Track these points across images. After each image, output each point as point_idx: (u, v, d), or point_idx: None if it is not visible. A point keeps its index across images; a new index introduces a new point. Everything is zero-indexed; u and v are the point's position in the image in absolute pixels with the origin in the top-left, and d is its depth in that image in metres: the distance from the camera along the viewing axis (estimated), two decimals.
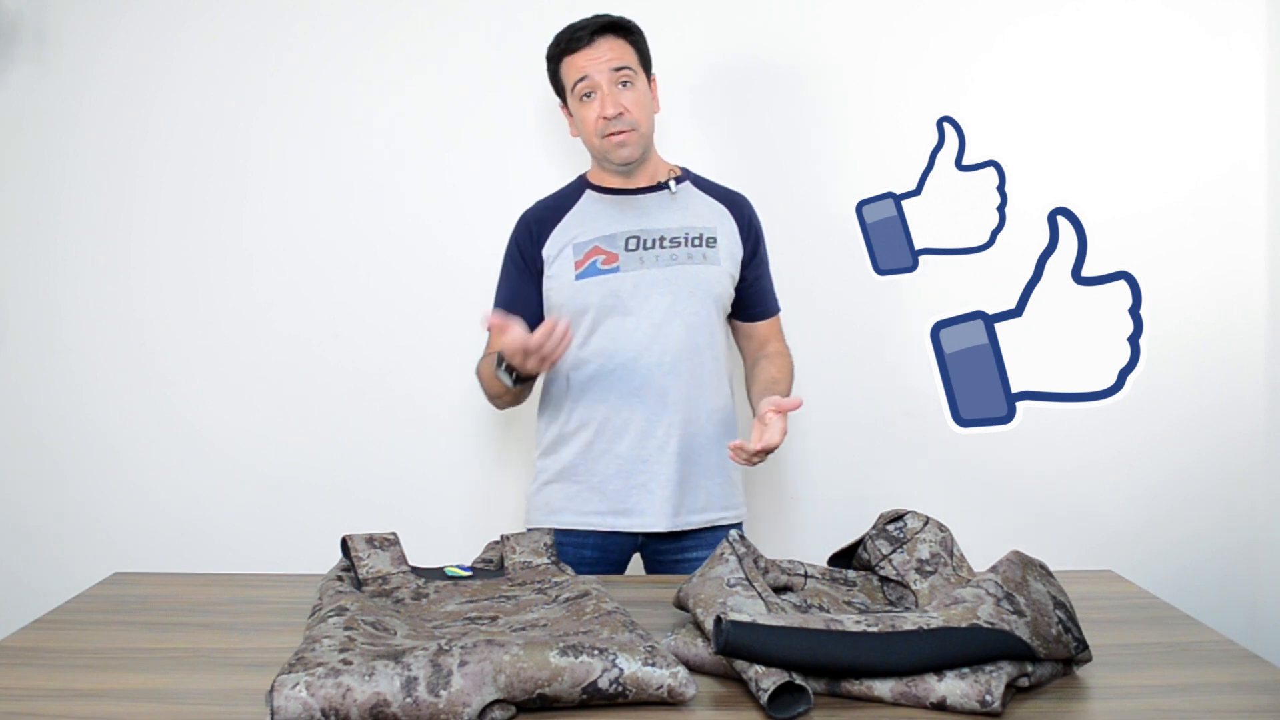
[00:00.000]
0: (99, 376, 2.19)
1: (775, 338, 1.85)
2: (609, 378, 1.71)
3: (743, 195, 1.84)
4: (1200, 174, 2.16)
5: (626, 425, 1.71)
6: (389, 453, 2.19)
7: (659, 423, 1.70)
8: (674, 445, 1.70)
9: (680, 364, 1.70)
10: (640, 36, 1.75)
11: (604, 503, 1.71)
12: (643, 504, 1.71)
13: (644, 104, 1.72)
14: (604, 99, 1.68)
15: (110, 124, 2.17)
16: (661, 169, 1.80)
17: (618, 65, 1.69)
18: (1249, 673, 1.08)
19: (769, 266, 1.85)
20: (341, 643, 0.99)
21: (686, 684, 0.96)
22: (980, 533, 1.70)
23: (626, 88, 1.70)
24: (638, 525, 1.71)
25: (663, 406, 1.70)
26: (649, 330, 1.70)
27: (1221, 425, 2.18)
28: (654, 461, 1.70)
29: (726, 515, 1.77)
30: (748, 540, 1.21)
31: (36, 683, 1.03)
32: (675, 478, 1.70)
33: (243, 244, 2.18)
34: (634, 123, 1.70)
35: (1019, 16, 2.16)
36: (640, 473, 1.70)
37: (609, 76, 1.68)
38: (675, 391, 1.70)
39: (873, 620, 0.98)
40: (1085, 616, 1.11)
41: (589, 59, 1.69)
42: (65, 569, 2.03)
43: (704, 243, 1.74)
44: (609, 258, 1.72)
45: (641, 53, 1.75)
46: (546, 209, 1.80)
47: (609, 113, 1.68)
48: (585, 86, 1.70)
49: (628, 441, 1.70)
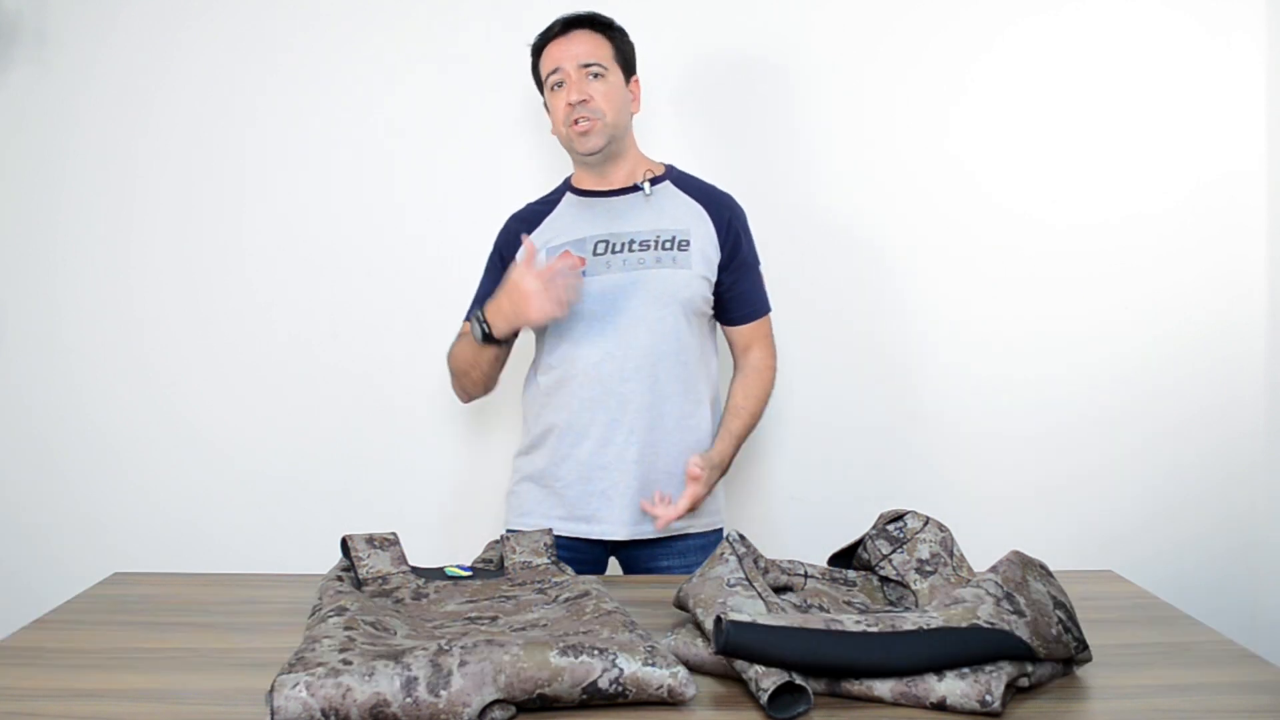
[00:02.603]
0: (99, 376, 2.19)
1: (758, 343, 1.80)
2: (572, 383, 1.70)
3: (727, 195, 1.80)
4: (1200, 174, 2.16)
5: (586, 431, 1.70)
6: (389, 453, 2.19)
7: (618, 429, 1.68)
8: (633, 452, 1.68)
9: (643, 370, 1.68)
10: (620, 35, 1.76)
11: (565, 508, 1.71)
12: (602, 511, 1.69)
13: (614, 97, 1.71)
14: (570, 87, 1.69)
15: (110, 124, 2.17)
16: (639, 169, 1.78)
17: (588, 60, 1.70)
18: (1249, 673, 1.07)
19: (757, 269, 1.80)
20: (341, 643, 0.98)
21: (686, 684, 0.96)
22: (980, 533, 1.69)
23: (596, 79, 1.70)
24: (597, 532, 1.70)
25: (623, 413, 1.68)
26: (612, 336, 1.68)
27: (1221, 425, 2.18)
28: (612, 469, 1.69)
29: (695, 524, 1.72)
30: (748, 540, 1.21)
31: (36, 683, 1.03)
32: (634, 485, 1.68)
33: (242, 244, 2.18)
34: (599, 112, 1.69)
35: (1018, 17, 2.16)
36: (599, 479, 1.69)
37: (579, 68, 1.69)
38: (636, 398, 1.68)
39: (873, 620, 0.98)
40: (1085, 616, 1.11)
41: (561, 49, 1.71)
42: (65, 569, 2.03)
43: (675, 245, 1.71)
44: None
45: (619, 51, 1.75)
46: (529, 212, 1.82)
47: (573, 99, 1.68)
48: (556, 77, 1.71)
49: (587, 448, 1.70)
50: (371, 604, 1.14)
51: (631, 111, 1.78)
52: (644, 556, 1.73)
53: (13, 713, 0.96)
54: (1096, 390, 2.18)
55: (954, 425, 2.18)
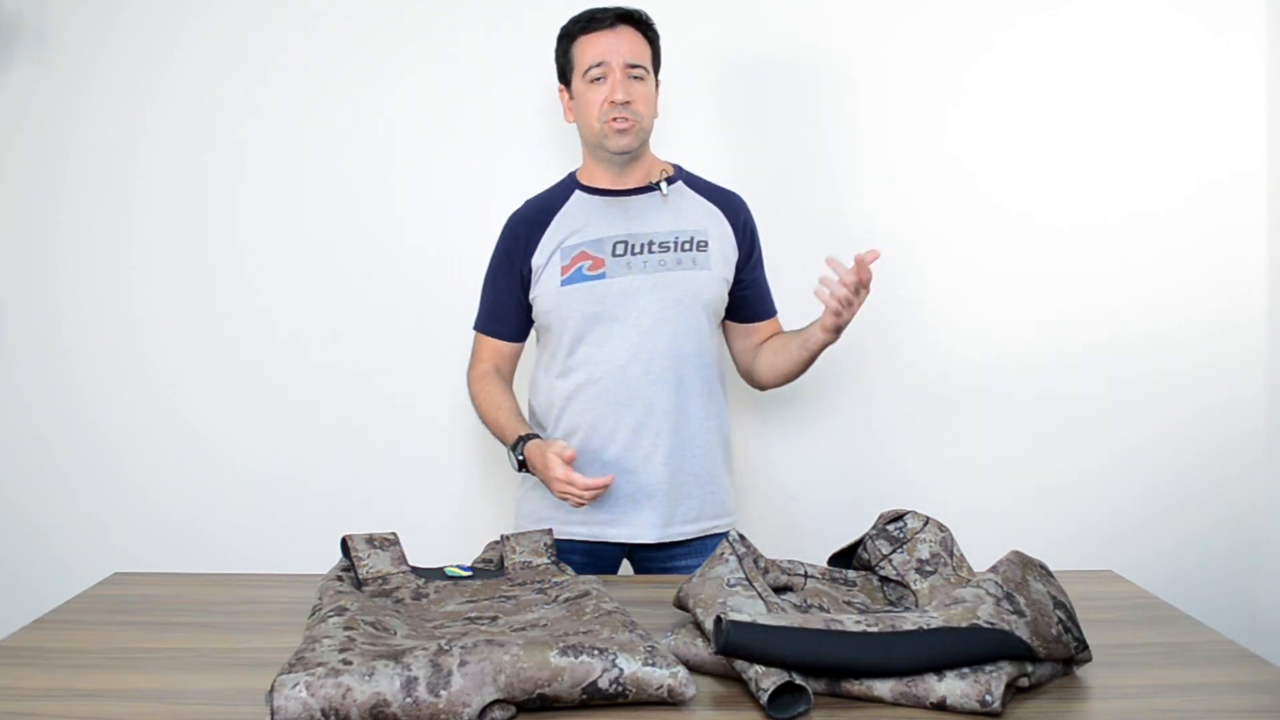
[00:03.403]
0: (99, 376, 2.19)
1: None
2: (595, 386, 1.69)
3: (737, 195, 1.80)
4: (1200, 174, 2.16)
5: (612, 435, 1.68)
6: (389, 453, 2.19)
7: (645, 432, 1.68)
8: (661, 454, 1.68)
9: (668, 372, 1.68)
10: (656, 37, 1.74)
11: (590, 513, 1.68)
12: (630, 515, 1.69)
13: (650, 101, 1.71)
14: (615, 84, 1.65)
15: (110, 124, 2.17)
16: (654, 169, 1.78)
17: (634, 60, 1.68)
18: (1249, 673, 1.08)
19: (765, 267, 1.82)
20: (341, 643, 0.98)
21: (686, 684, 0.96)
22: (980, 533, 1.70)
23: (638, 81, 1.68)
24: (626, 536, 1.69)
25: (650, 415, 1.68)
26: (635, 338, 1.67)
27: (1221, 425, 2.18)
28: (640, 472, 1.68)
29: (719, 524, 1.74)
30: (748, 540, 1.21)
31: (36, 683, 1.03)
32: (664, 488, 1.68)
33: (242, 244, 2.18)
34: (639, 115, 1.68)
35: (1018, 17, 2.16)
36: (627, 483, 1.68)
37: (624, 66, 1.67)
38: (662, 400, 1.68)
39: (873, 620, 0.98)
40: (1085, 616, 1.11)
41: (609, 43, 1.67)
42: (65, 569, 2.03)
43: (695, 246, 1.71)
44: (595, 263, 1.69)
45: (655, 53, 1.74)
46: (535, 211, 1.77)
47: (618, 97, 1.65)
48: (599, 70, 1.67)
49: (614, 451, 1.68)
50: (371, 604, 1.14)
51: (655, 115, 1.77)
52: (664, 557, 1.72)
53: (13, 713, 0.96)
54: (1097, 390, 2.17)
55: (954, 425, 2.18)
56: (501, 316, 1.78)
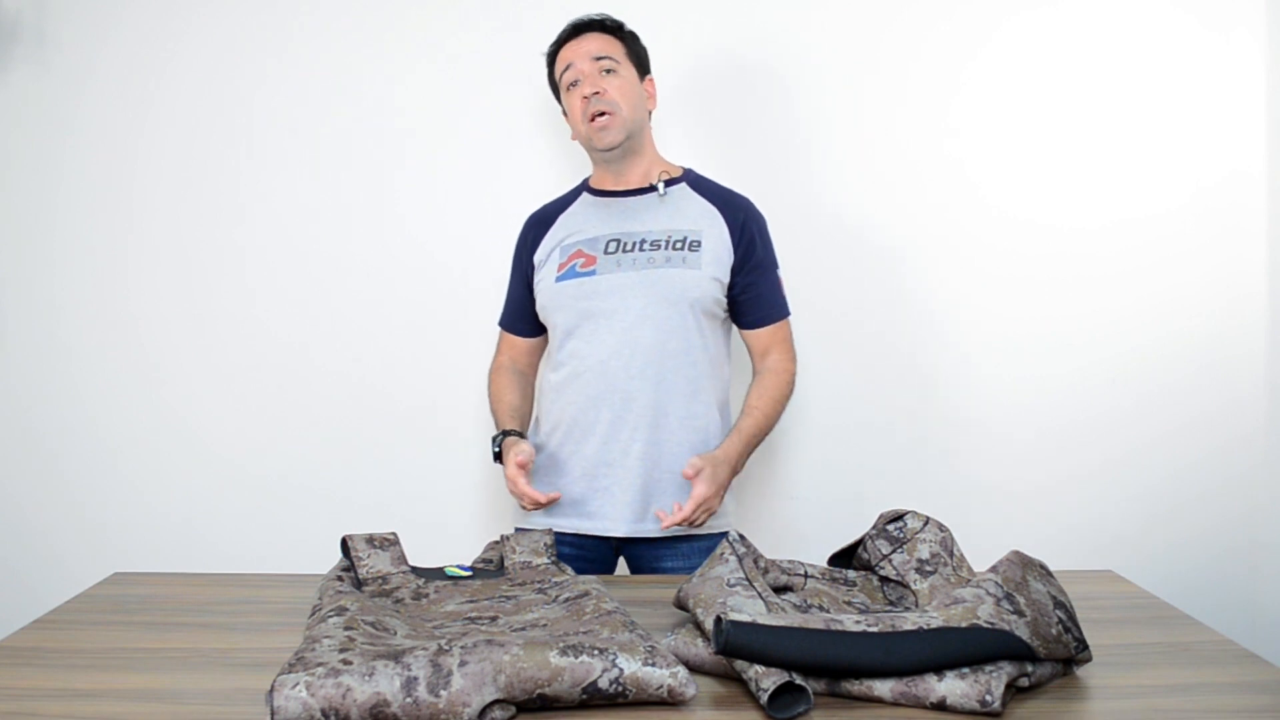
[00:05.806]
0: (99, 377, 2.19)
1: (777, 347, 1.78)
2: (578, 380, 1.72)
3: (744, 198, 1.80)
4: (1200, 176, 2.16)
5: (592, 428, 1.71)
6: (389, 453, 2.19)
7: (623, 426, 1.69)
8: (638, 449, 1.69)
9: (649, 368, 1.68)
10: (630, 36, 1.78)
11: (570, 504, 1.72)
12: (605, 507, 1.70)
13: (628, 92, 1.73)
14: (585, 83, 1.72)
15: (109, 124, 2.17)
16: (656, 170, 1.79)
17: (600, 54, 1.73)
18: (1249, 673, 1.07)
19: (774, 272, 1.78)
20: (341, 643, 0.98)
21: (686, 684, 0.96)
22: (980, 533, 1.70)
23: (609, 74, 1.72)
24: (600, 529, 1.71)
25: (628, 410, 1.69)
26: (619, 334, 1.69)
27: (1222, 426, 2.18)
28: (617, 465, 1.69)
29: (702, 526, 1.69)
30: (748, 540, 1.21)
31: (36, 683, 1.03)
32: (638, 483, 1.69)
33: (242, 244, 2.18)
34: (613, 104, 1.71)
35: (1015, 13, 2.16)
36: (603, 476, 1.70)
37: (591, 64, 1.72)
38: (642, 396, 1.68)
39: (873, 620, 0.98)
40: (1085, 616, 1.11)
41: (573, 50, 1.75)
42: (65, 569, 2.04)
43: (686, 245, 1.71)
44: (587, 260, 1.73)
45: (631, 50, 1.77)
46: (545, 212, 1.84)
47: (587, 92, 1.71)
48: (570, 75, 1.74)
49: (593, 444, 1.71)
50: (371, 604, 1.14)
51: (648, 109, 1.79)
52: (649, 556, 1.73)
53: (13, 713, 0.96)
54: (1097, 391, 2.17)
55: (954, 425, 2.18)
56: (517, 313, 1.86)
